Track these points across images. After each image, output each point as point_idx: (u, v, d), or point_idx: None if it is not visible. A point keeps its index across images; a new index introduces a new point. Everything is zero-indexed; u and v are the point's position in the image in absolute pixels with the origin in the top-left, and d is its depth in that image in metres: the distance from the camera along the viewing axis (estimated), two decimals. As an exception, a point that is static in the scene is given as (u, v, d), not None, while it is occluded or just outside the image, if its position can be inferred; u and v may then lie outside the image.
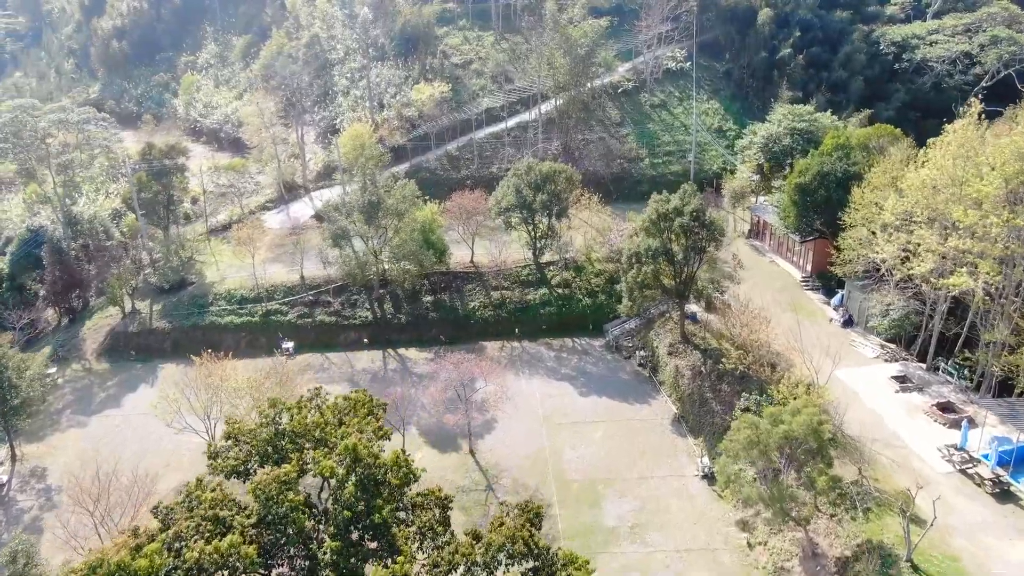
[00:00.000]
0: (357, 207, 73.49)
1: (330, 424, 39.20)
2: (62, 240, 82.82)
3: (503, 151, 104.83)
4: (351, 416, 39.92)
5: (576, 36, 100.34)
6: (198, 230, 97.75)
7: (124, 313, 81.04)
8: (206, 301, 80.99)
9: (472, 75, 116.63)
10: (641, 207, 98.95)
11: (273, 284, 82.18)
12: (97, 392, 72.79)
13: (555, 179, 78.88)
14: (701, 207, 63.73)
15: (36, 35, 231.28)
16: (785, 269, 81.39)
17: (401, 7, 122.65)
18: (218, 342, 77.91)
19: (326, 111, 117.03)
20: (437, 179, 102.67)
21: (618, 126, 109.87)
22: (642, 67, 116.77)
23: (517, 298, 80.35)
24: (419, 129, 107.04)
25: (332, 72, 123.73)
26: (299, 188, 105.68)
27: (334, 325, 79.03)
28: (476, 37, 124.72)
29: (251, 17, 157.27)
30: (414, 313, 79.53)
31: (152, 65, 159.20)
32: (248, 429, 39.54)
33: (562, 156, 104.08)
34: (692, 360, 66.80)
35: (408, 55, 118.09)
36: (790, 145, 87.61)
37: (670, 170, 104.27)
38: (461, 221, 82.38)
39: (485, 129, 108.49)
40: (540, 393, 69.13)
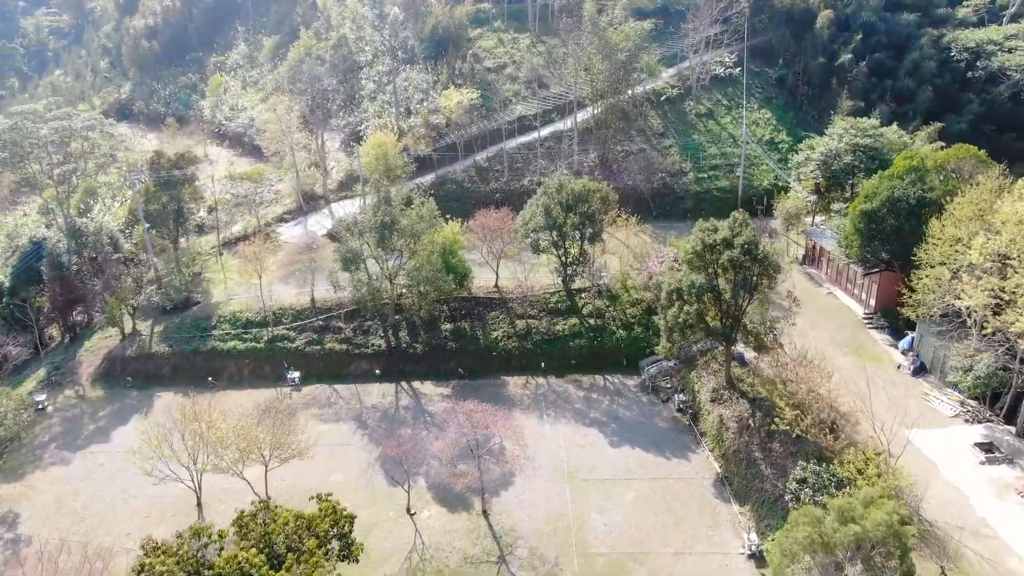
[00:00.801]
0: (369, 227, 66.51)
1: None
2: (63, 254, 77.37)
3: (535, 163, 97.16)
4: (308, 538, 32.21)
5: (616, 40, 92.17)
6: (212, 242, 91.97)
7: (123, 334, 75.33)
8: (209, 324, 74.82)
9: (505, 80, 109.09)
10: (684, 226, 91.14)
11: (281, 307, 75.70)
12: (87, 423, 66.97)
13: (589, 199, 71.00)
14: (754, 239, 55.29)
15: (79, 33, 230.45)
16: (844, 303, 72.36)
17: (433, 7, 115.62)
18: (220, 369, 72.14)
19: (351, 116, 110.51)
20: (463, 192, 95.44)
21: (660, 137, 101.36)
22: (688, 73, 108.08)
23: (544, 328, 72.71)
24: (446, 138, 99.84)
25: (359, 76, 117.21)
26: (319, 199, 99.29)
27: (344, 354, 72.22)
28: (511, 39, 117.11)
29: (283, 16, 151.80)
30: (431, 343, 72.34)
31: (182, 65, 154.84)
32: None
33: (599, 169, 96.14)
34: (738, 410, 58.52)
35: (438, 58, 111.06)
36: (852, 163, 78.40)
37: (716, 186, 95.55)
38: (485, 242, 74.90)
39: (517, 139, 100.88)
40: (566, 441, 61.39)
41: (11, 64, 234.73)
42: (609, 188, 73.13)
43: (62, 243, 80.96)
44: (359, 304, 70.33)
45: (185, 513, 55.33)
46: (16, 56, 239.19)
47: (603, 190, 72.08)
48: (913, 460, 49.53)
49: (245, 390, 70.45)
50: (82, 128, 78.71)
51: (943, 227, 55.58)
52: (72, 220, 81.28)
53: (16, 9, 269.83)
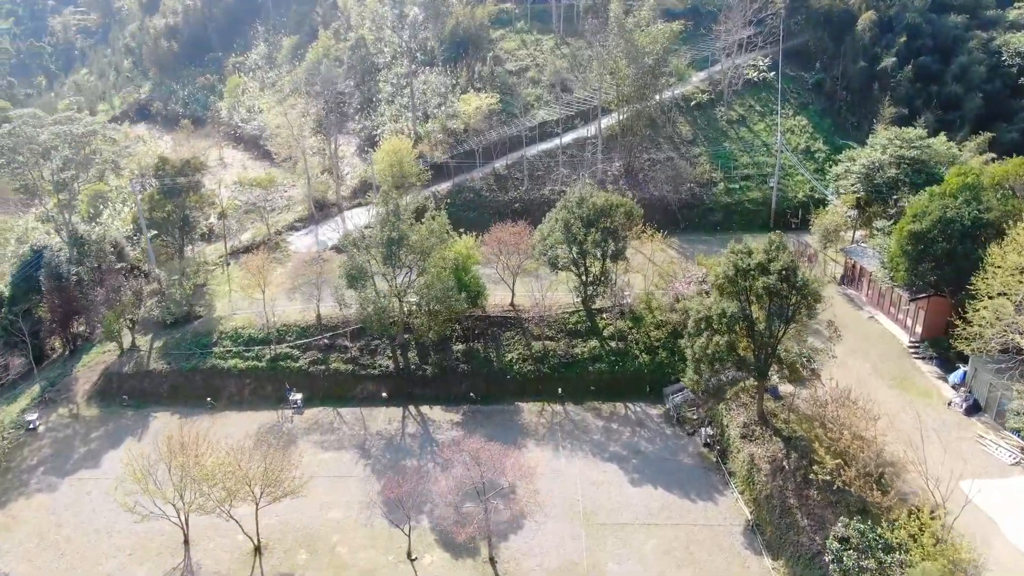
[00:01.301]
0: (376, 242, 62.21)
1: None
2: (62, 263, 74.00)
3: (557, 171, 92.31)
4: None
5: (643, 42, 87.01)
6: (220, 251, 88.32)
7: (122, 349, 71.84)
8: (210, 340, 71.04)
9: (527, 84, 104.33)
10: (713, 240, 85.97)
11: (286, 323, 71.70)
12: (78, 446, 63.42)
13: (612, 214, 66.10)
14: (792, 264, 50.09)
15: (106, 32, 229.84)
16: (888, 329, 66.69)
17: (454, 7, 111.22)
18: (219, 389, 68.42)
19: (367, 120, 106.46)
20: (481, 201, 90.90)
21: (689, 144, 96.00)
22: (719, 77, 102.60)
23: (562, 351, 67.96)
24: (464, 144, 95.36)
25: (377, 78, 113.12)
26: (332, 206, 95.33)
27: (350, 375, 68.03)
28: (534, 41, 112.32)
29: (303, 16, 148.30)
30: (442, 364, 67.89)
31: (201, 66, 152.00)
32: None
33: (624, 178, 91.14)
34: (771, 450, 53.37)
35: (457, 61, 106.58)
36: (896, 177, 72.60)
37: (748, 197, 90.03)
38: (501, 258, 70.25)
39: (538, 145, 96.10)
40: (582, 478, 56.61)
41: (39, 63, 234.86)
42: (634, 202, 68.09)
43: (64, 251, 77.67)
44: (365, 324, 66.08)
45: (171, 551, 51.47)
46: (44, 55, 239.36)
47: (627, 204, 67.10)
48: (970, 515, 44.08)
49: (245, 411, 66.62)
50: (84, 133, 75.31)
51: (1004, 254, 49.92)
52: (74, 228, 78.01)
53: (46, 8, 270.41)
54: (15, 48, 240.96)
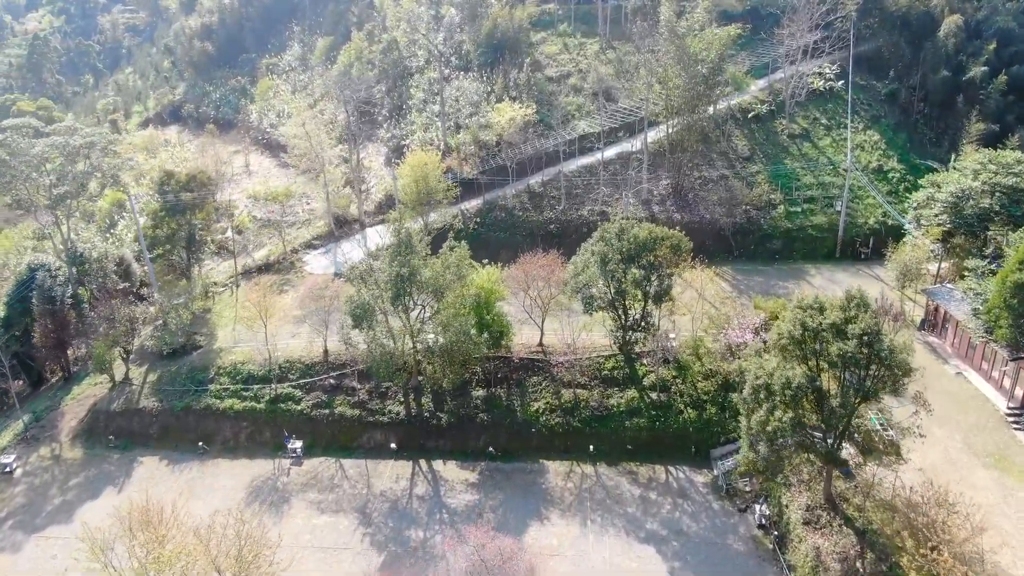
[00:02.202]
0: (384, 279, 54.37)
1: None
2: (55, 286, 67.89)
3: (597, 190, 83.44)
4: None
5: (696, 48, 77.56)
6: (233, 269, 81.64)
7: (113, 382, 65.53)
8: (206, 376, 64.19)
9: (567, 91, 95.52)
10: (771, 272, 76.18)
11: (289, 358, 64.45)
12: (54, 495, 57.03)
13: (656, 248, 57.17)
14: (875, 327, 40.74)
15: (153, 30, 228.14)
16: (980, 390, 56.39)
17: (492, 8, 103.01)
18: (213, 432, 61.48)
19: (396, 128, 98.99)
20: (513, 221, 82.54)
21: (746, 161, 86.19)
22: (780, 86, 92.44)
23: (596, 401, 59.30)
24: (496, 158, 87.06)
25: (409, 83, 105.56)
26: (353, 222, 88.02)
27: (356, 421, 60.46)
28: (577, 45, 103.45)
29: (339, 16, 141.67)
30: (459, 412, 59.86)
31: (235, 67, 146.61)
32: None
33: (672, 199, 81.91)
34: (842, 543, 44.21)
35: (493, 66, 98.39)
36: (991, 208, 62.22)
37: (811, 222, 79.90)
38: (529, 293, 61.90)
39: (577, 160, 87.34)
40: (612, 564, 47.98)
41: (87, 61, 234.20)
42: (682, 235, 58.85)
43: (63, 270, 71.67)
44: (371, 369, 58.29)
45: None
46: (91, 53, 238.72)
47: (674, 237, 57.99)
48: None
49: (239, 459, 59.60)
50: (83, 145, 69.18)
51: None
52: (73, 245, 71.98)
53: (97, 6, 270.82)
54: (64, 47, 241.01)
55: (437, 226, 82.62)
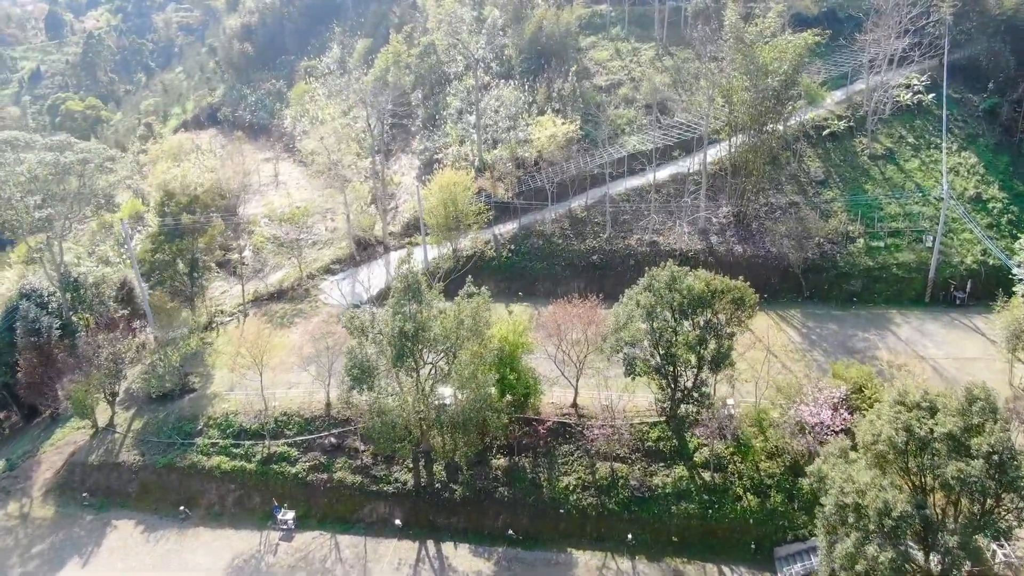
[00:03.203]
0: (387, 336, 45.59)
1: None
2: (40, 316, 61.16)
3: (647, 216, 73.34)
4: None
5: (767, 58, 66.81)
6: (249, 292, 74.17)
7: (96, 428, 58.37)
8: (195, 427, 56.49)
9: (618, 102, 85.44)
10: (848, 318, 65.19)
11: (287, 411, 56.35)
12: (13, 564, 49.96)
13: (715, 303, 47.19)
14: (1008, 445, 30.32)
15: (205, 29, 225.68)
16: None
17: (538, 10, 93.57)
18: (198, 494, 53.71)
19: (429, 141, 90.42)
20: (552, 249, 73.03)
21: (819, 186, 75.06)
22: (861, 99, 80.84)
23: (637, 479, 49.71)
24: (534, 178, 77.66)
25: (446, 90, 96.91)
26: (378, 244, 79.71)
27: (357, 490, 51.99)
28: (631, 51, 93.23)
29: (381, 17, 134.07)
30: (475, 485, 50.87)
31: (274, 69, 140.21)
32: None
33: (733, 228, 71.42)
34: None
35: (537, 73, 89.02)
36: None
37: (896, 259, 68.42)
38: (562, 347, 52.51)
39: (625, 181, 77.38)
40: None
41: (139, 60, 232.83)
42: (747, 286, 48.60)
43: (56, 297, 65.08)
44: (371, 438, 49.59)
45: None
46: (144, 52, 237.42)
47: (737, 290, 47.81)
48: None
49: (223, 529, 51.76)
50: (76, 162, 62.31)
51: None
52: (67, 270, 65.27)
53: (153, 5, 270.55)
54: (118, 45, 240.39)
55: (467, 253, 73.96)
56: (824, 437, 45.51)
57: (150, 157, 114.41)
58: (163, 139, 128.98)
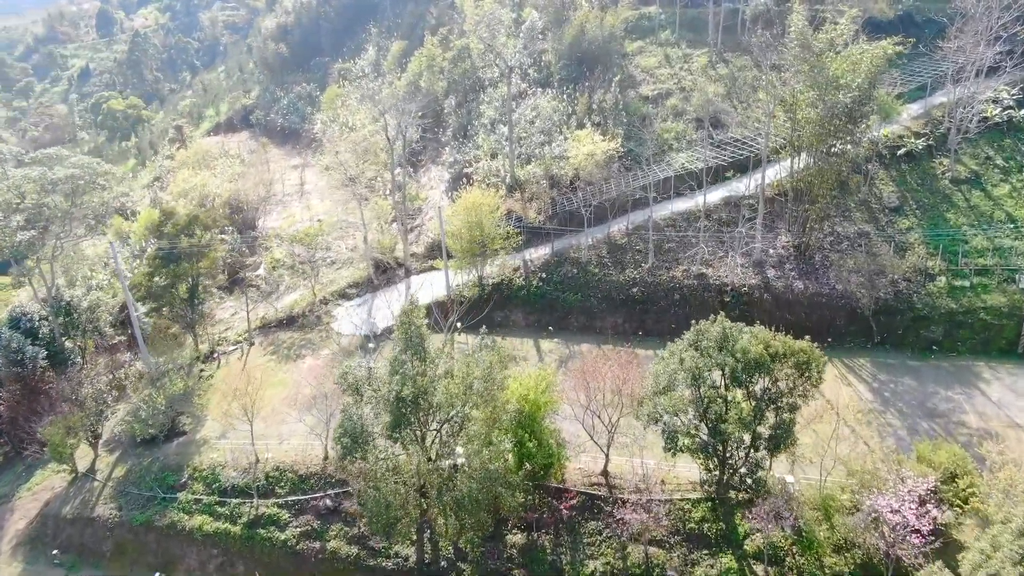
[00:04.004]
0: (382, 398, 38.57)
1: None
2: (24, 345, 55.83)
3: (696, 244, 65.12)
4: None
5: (838, 71, 57.94)
6: (263, 318, 68.18)
7: (76, 473, 52.76)
8: (178, 479, 50.40)
9: (666, 114, 77.16)
10: (927, 371, 55.24)
11: (280, 465, 49.84)
12: (-33, 634, 44.56)
13: (775, 370, 39.05)
14: None
15: (249, 28, 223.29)
16: None
17: (581, 11, 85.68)
18: (176, 557, 47.72)
19: (459, 153, 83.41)
20: (587, 279, 65.29)
21: (893, 214, 65.90)
22: (942, 114, 71.31)
23: (676, 568, 41.94)
24: (570, 198, 69.99)
25: (480, 97, 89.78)
26: (398, 267, 73.01)
27: (352, 563, 45.15)
28: (681, 57, 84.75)
29: (418, 17, 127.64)
30: (486, 566, 43.58)
31: (307, 71, 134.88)
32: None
33: (793, 261, 62.83)
34: None
35: (577, 81, 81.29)
36: None
37: (984, 302, 58.97)
38: (591, 408, 44.92)
39: (671, 204, 69.26)
40: None
41: (184, 58, 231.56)
42: (815, 348, 40.25)
43: (47, 322, 59.83)
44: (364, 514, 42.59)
45: None
46: (189, 50, 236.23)
47: (802, 353, 39.50)
48: None
49: (201, 603, 45.43)
50: (65, 179, 56.80)
51: None
52: (59, 293, 59.94)
53: (201, 3, 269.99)
54: (164, 44, 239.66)
55: (493, 280, 66.81)
56: (906, 538, 37.10)
57: (175, 163, 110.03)
58: (193, 142, 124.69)
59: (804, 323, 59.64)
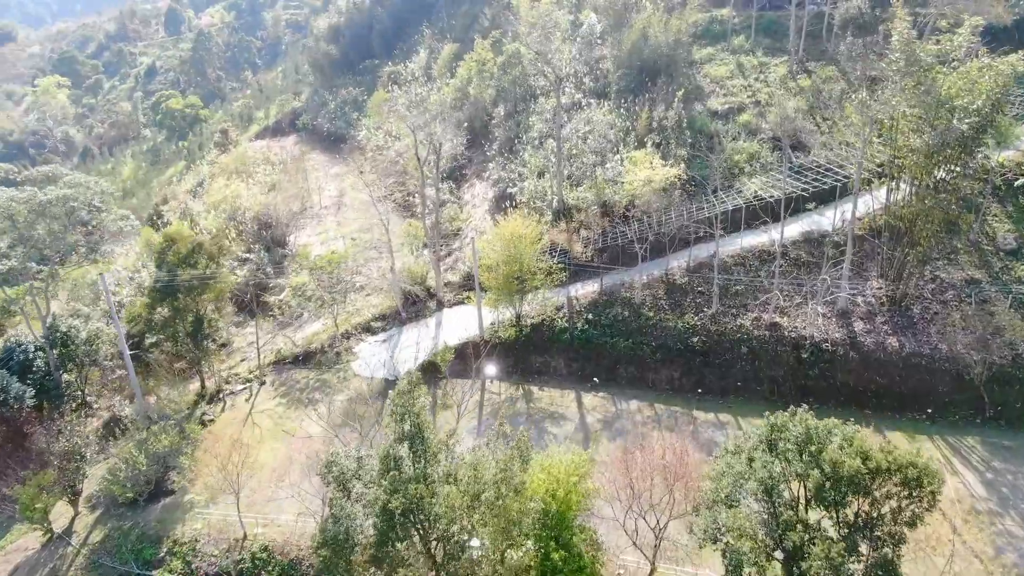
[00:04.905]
0: (370, 501, 30.80)
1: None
2: (11, 384, 50.22)
3: (769, 288, 55.48)
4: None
5: (952, 91, 47.53)
6: (285, 347, 61.58)
7: (51, 534, 46.69)
8: (156, 553, 43.72)
9: (738, 132, 67.50)
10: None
11: (269, 545, 42.64)
12: None
13: (875, 489, 29.69)
14: None
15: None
16: None
17: (644, 14, 76.52)
18: (147, 650, 40.59)
19: (505, 170, 75.34)
20: (639, 323, 56.30)
21: (1010, 258, 55.01)
22: (1069, 138, 59.89)
23: None
24: (623, 228, 61.22)
25: (532, 108, 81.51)
26: (429, 298, 65.45)
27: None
28: (757, 67, 74.76)
29: (473, 19, 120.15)
30: None
31: (357, 74, 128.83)
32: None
33: (886, 314, 52.69)
34: None
35: (637, 93, 72.24)
36: None
37: None
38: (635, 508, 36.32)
39: (740, 238, 59.73)
40: None
41: (247, 57, 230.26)
42: (928, 463, 30.64)
43: (42, 355, 54.32)
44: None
45: None
46: (252, 49, 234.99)
47: (911, 468, 29.99)
48: None
49: None
50: (56, 200, 50.79)
51: None
52: (55, 323, 54.28)
53: (266, 2, 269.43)
54: (227, 42, 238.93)
55: (532, 320, 58.60)
56: None
57: (215, 169, 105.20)
58: (237, 146, 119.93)
59: (898, 389, 50.14)
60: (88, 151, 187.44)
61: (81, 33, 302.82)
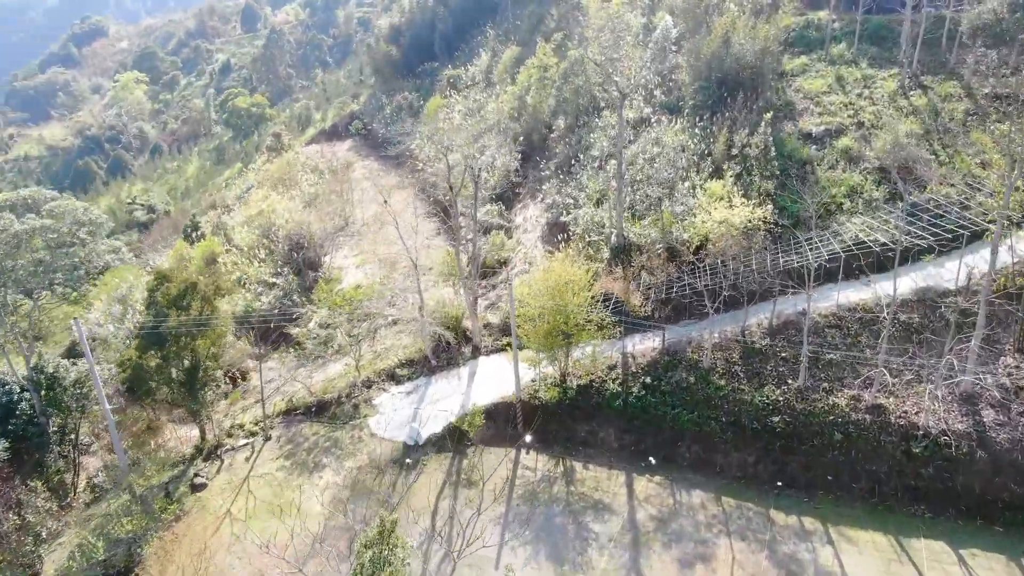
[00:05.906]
0: None
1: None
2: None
3: (872, 359, 44.49)
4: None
5: None
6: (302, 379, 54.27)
7: (7, 619, 40.16)
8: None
9: (836, 159, 56.29)
10: None
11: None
12: None
13: None
14: None
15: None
16: None
17: (725, 17, 65.87)
18: None
19: (559, 193, 66.08)
20: (708, 393, 46.16)
21: None
22: None
23: None
24: (692, 274, 51.11)
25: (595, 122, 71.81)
26: (465, 343, 56.83)
27: None
28: (860, 80, 63.13)
29: (539, 19, 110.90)
30: None
31: (416, 76, 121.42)
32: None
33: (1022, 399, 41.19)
34: None
35: (715, 109, 61.73)
36: None
37: None
38: None
39: (836, 292, 48.66)
40: None
41: (318, 56, 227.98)
42: None
43: (26, 396, 48.20)
44: None
45: None
46: (323, 47, 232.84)
47: None
48: None
49: None
50: (34, 231, 44.17)
51: None
52: (39, 363, 48.06)
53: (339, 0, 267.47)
54: (299, 40, 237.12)
55: (579, 379, 49.28)
56: None
57: (260, 177, 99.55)
58: (290, 151, 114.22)
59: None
60: (158, 148, 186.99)
61: (165, 30, 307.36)
